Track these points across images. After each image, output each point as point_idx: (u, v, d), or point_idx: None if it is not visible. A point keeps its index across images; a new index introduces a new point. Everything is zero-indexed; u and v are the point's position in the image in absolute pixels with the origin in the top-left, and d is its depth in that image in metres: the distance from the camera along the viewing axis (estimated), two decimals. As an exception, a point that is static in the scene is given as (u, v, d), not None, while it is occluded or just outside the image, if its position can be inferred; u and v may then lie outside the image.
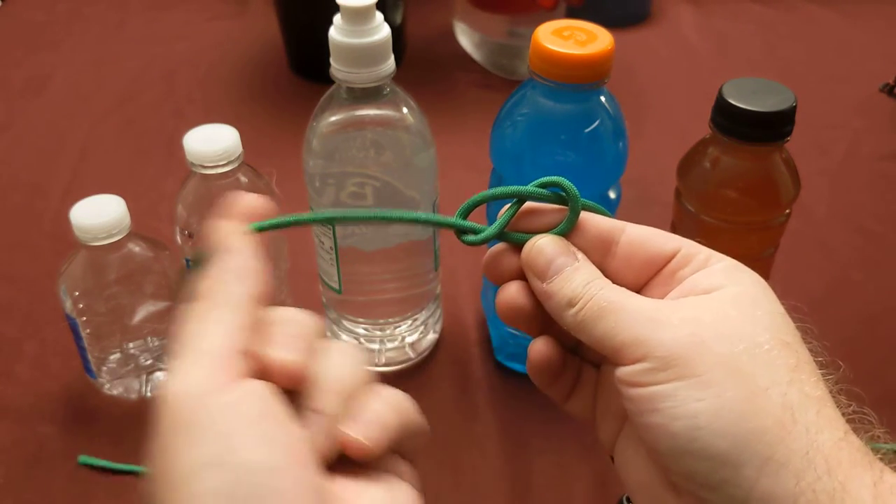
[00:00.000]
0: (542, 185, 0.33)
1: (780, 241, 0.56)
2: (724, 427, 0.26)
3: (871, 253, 0.70)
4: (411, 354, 0.59)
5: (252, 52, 0.95)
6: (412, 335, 0.59)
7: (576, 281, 0.31)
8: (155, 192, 0.73)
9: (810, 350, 0.30)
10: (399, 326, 0.58)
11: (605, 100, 0.49)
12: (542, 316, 0.33)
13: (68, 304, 0.52)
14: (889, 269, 0.68)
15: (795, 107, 0.50)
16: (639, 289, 0.32)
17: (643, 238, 0.32)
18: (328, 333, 0.60)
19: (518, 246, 0.33)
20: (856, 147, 0.82)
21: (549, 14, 0.83)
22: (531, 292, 0.33)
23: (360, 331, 0.58)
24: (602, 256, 0.33)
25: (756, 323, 0.29)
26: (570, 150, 0.49)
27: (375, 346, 0.58)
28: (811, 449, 0.26)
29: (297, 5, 0.86)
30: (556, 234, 0.33)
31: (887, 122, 0.86)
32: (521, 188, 0.33)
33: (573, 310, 0.31)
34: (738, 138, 0.50)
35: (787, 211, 0.54)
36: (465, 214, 0.35)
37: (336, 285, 0.55)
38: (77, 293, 0.52)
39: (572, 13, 0.85)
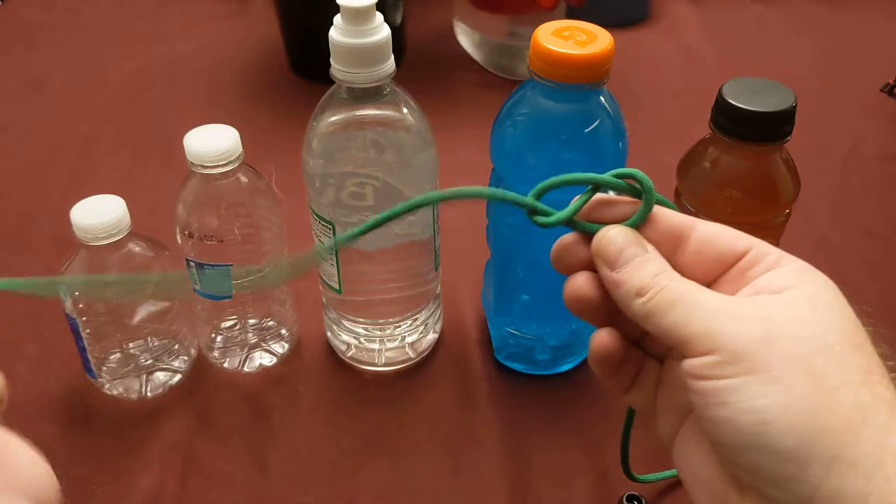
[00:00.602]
0: (617, 176, 0.34)
1: (780, 241, 0.56)
2: (792, 423, 0.27)
3: (871, 253, 0.70)
4: (411, 354, 0.59)
5: (252, 52, 0.95)
6: (412, 335, 0.59)
7: (646, 270, 0.31)
8: (155, 192, 0.73)
9: (881, 355, 0.30)
10: (399, 326, 0.58)
11: (605, 100, 0.49)
12: (608, 307, 0.33)
13: (68, 304, 0.52)
14: (889, 269, 0.68)
15: (795, 107, 0.49)
16: (708, 285, 0.32)
17: (714, 235, 0.33)
18: (328, 333, 0.60)
19: (588, 236, 0.34)
20: (856, 147, 0.82)
21: (549, 14, 0.83)
22: (599, 283, 0.33)
23: (360, 331, 0.58)
24: (672, 251, 0.33)
25: (828, 324, 0.29)
26: (570, 150, 0.49)
27: (375, 346, 0.58)
28: (881, 450, 0.26)
29: (297, 5, 0.86)
30: (627, 225, 0.33)
31: (887, 122, 0.85)
32: (597, 176, 0.34)
33: (643, 299, 0.31)
34: (738, 138, 0.50)
35: (787, 211, 0.54)
36: (539, 195, 0.34)
37: (336, 285, 0.55)
38: (77, 293, 0.52)
39: (572, 13, 0.85)
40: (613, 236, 0.33)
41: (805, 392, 0.27)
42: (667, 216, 0.34)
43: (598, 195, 0.34)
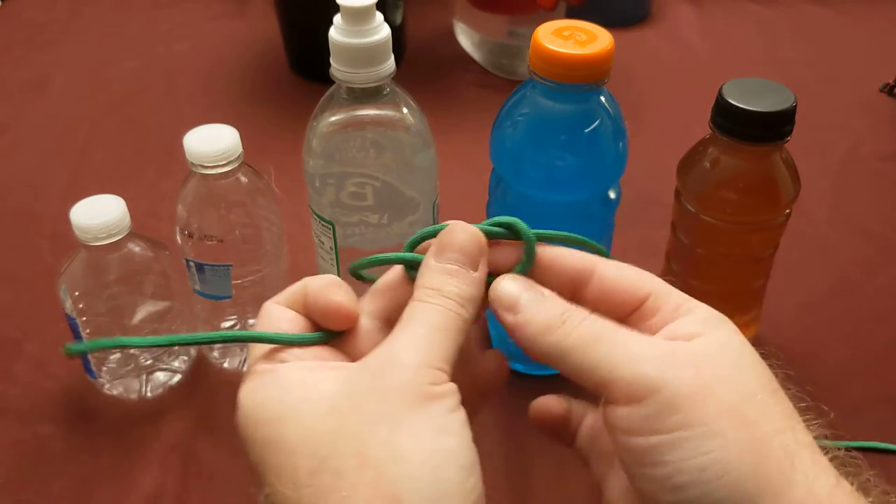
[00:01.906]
0: (495, 225, 0.33)
1: (780, 241, 0.56)
2: (732, 481, 0.26)
3: (871, 253, 0.70)
4: (411, 354, 0.59)
5: (252, 52, 0.95)
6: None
7: (549, 308, 0.30)
8: (155, 192, 0.73)
9: (791, 397, 0.29)
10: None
11: (605, 100, 0.49)
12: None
13: (68, 304, 0.52)
14: (889, 269, 0.68)
15: (795, 107, 0.49)
16: None
17: (615, 278, 0.31)
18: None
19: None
20: (856, 147, 0.82)
21: (549, 14, 0.83)
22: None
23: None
24: (572, 296, 0.32)
25: (746, 371, 0.28)
26: (570, 150, 0.49)
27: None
28: (810, 497, 0.26)
29: (297, 5, 0.86)
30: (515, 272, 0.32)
31: (887, 122, 0.85)
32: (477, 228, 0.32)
33: (556, 336, 0.29)
34: (738, 138, 0.50)
35: (787, 211, 0.54)
36: (413, 247, 0.34)
37: (336, 285, 0.55)
38: (77, 293, 0.52)
39: (572, 13, 0.85)
40: (506, 285, 0.31)
41: (742, 445, 0.26)
42: (562, 260, 0.32)
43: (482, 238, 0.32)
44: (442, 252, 0.31)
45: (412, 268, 0.33)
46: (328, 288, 0.32)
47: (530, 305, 0.30)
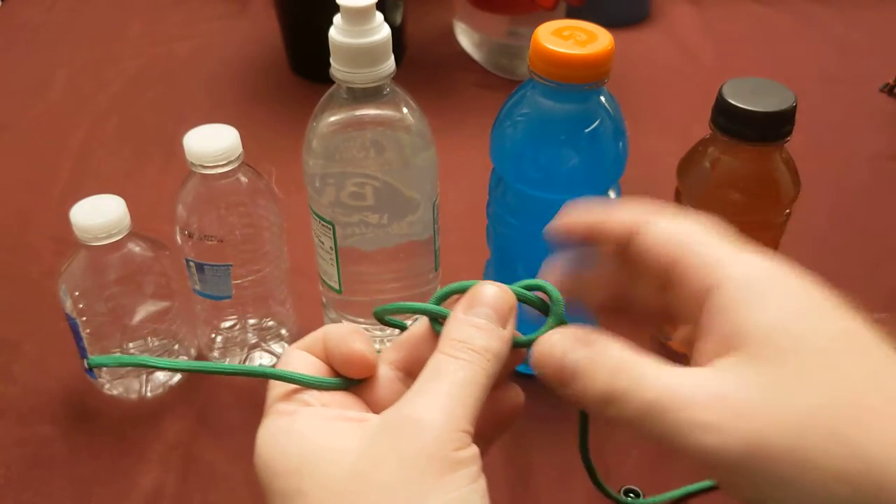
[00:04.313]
0: (527, 288, 0.33)
1: (780, 241, 0.56)
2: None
3: (871, 253, 0.70)
4: (411, 354, 0.59)
5: (252, 52, 0.95)
6: (412, 335, 0.59)
7: (600, 375, 0.28)
8: (155, 192, 0.73)
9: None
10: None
11: (605, 100, 0.49)
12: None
13: (68, 304, 0.52)
14: (889, 269, 0.68)
15: (795, 107, 0.50)
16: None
17: (647, 248, 0.31)
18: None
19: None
20: (856, 147, 0.82)
21: (549, 14, 0.83)
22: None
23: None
24: (622, 252, 0.32)
25: (801, 376, 0.26)
26: (569, 150, 0.49)
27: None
28: None
29: (297, 5, 0.86)
30: (538, 335, 0.31)
31: (887, 122, 0.85)
32: (508, 287, 0.32)
33: (614, 409, 0.28)
34: (738, 138, 0.50)
35: (787, 211, 0.54)
36: (442, 300, 0.34)
37: (336, 285, 0.55)
38: (77, 293, 0.52)
39: (572, 13, 0.85)
40: (546, 353, 0.30)
41: (817, 484, 0.25)
42: (611, 220, 0.32)
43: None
44: (472, 306, 0.31)
45: (438, 321, 0.33)
46: (348, 336, 0.33)
47: (577, 378, 0.29)
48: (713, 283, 0.29)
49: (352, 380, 0.33)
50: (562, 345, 0.30)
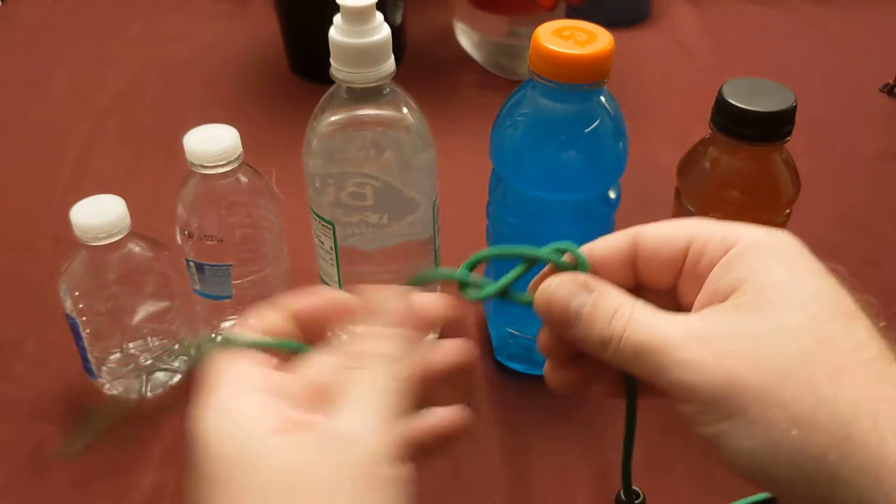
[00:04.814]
0: (556, 250, 0.33)
1: (780, 241, 0.56)
2: (783, 461, 0.27)
3: (871, 253, 0.70)
4: (411, 354, 0.59)
5: (252, 53, 0.95)
6: (412, 335, 0.59)
7: (598, 320, 0.30)
8: (155, 192, 0.73)
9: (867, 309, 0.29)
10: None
11: (605, 100, 0.49)
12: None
13: (68, 304, 0.52)
14: (889, 269, 0.68)
15: (795, 107, 0.50)
16: (672, 289, 0.32)
17: (655, 241, 0.32)
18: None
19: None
20: (856, 147, 0.82)
21: (549, 14, 0.83)
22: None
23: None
24: (629, 273, 0.32)
25: (785, 327, 0.28)
26: (569, 151, 0.49)
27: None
28: (878, 462, 0.26)
29: (297, 5, 0.86)
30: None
31: (887, 122, 0.85)
32: (529, 249, 0.33)
33: (609, 351, 0.30)
34: (738, 138, 0.50)
35: (787, 211, 0.54)
36: (471, 268, 0.34)
37: (336, 285, 0.55)
38: (77, 293, 0.52)
39: (572, 13, 0.85)
40: (552, 294, 0.31)
41: (783, 426, 0.27)
42: (609, 245, 0.32)
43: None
44: (367, 318, 0.32)
45: (469, 287, 0.34)
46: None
47: (580, 319, 0.30)
48: (732, 245, 0.30)
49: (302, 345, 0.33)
50: (566, 289, 0.31)
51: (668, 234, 0.32)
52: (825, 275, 0.30)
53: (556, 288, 0.31)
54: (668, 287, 0.32)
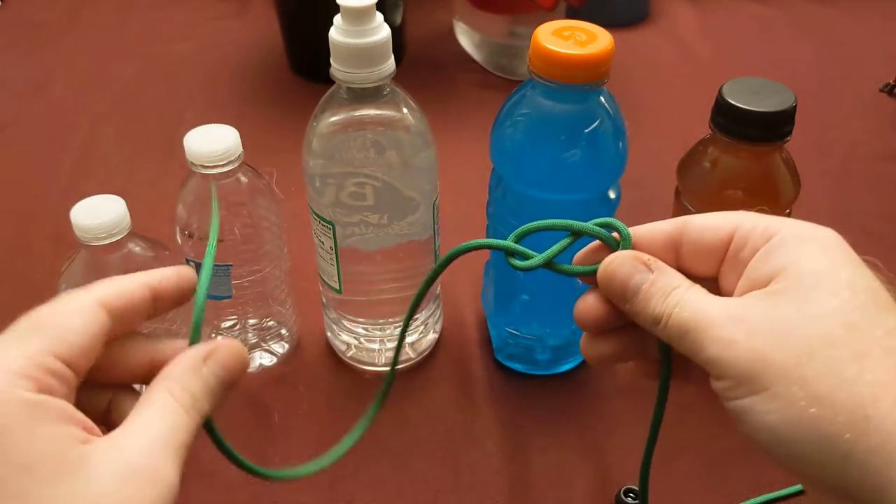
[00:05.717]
0: (599, 225, 0.34)
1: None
2: (800, 435, 0.28)
3: (871, 253, 0.69)
4: (411, 354, 0.59)
5: (252, 52, 0.95)
6: (412, 335, 0.59)
7: (654, 297, 0.32)
8: (155, 192, 0.73)
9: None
10: (399, 326, 0.58)
11: (605, 100, 0.49)
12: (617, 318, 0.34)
13: (68, 304, 0.52)
14: (889, 269, 0.68)
15: (795, 107, 0.50)
16: (714, 277, 0.33)
17: (701, 228, 0.33)
18: (328, 333, 0.60)
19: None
20: (856, 147, 0.82)
21: (549, 14, 0.83)
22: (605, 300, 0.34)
23: (360, 331, 0.58)
24: (674, 259, 0.33)
25: (816, 311, 0.29)
26: (569, 151, 0.49)
27: (375, 346, 0.58)
28: (893, 445, 0.27)
29: (297, 5, 0.86)
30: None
31: (887, 122, 0.86)
32: (575, 223, 0.34)
33: (659, 327, 0.32)
34: (738, 138, 0.50)
35: (788, 211, 0.54)
36: (520, 238, 0.35)
37: (336, 285, 0.55)
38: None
39: (572, 13, 0.85)
40: (613, 271, 0.33)
41: (803, 404, 0.28)
42: (655, 230, 0.34)
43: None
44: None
45: (514, 257, 0.35)
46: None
47: (638, 295, 0.32)
48: (773, 234, 0.31)
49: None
50: (629, 265, 0.33)
51: (714, 222, 0.33)
52: (862, 266, 0.31)
53: (620, 263, 0.33)
54: (709, 274, 0.33)
